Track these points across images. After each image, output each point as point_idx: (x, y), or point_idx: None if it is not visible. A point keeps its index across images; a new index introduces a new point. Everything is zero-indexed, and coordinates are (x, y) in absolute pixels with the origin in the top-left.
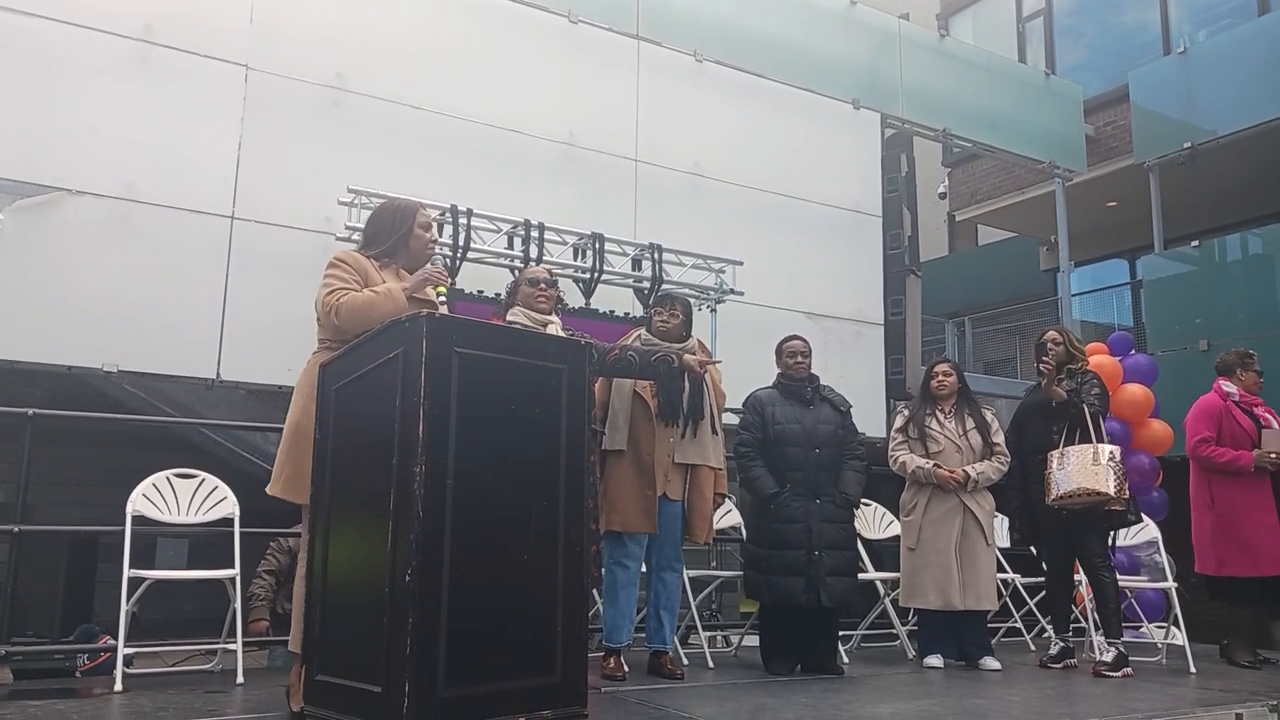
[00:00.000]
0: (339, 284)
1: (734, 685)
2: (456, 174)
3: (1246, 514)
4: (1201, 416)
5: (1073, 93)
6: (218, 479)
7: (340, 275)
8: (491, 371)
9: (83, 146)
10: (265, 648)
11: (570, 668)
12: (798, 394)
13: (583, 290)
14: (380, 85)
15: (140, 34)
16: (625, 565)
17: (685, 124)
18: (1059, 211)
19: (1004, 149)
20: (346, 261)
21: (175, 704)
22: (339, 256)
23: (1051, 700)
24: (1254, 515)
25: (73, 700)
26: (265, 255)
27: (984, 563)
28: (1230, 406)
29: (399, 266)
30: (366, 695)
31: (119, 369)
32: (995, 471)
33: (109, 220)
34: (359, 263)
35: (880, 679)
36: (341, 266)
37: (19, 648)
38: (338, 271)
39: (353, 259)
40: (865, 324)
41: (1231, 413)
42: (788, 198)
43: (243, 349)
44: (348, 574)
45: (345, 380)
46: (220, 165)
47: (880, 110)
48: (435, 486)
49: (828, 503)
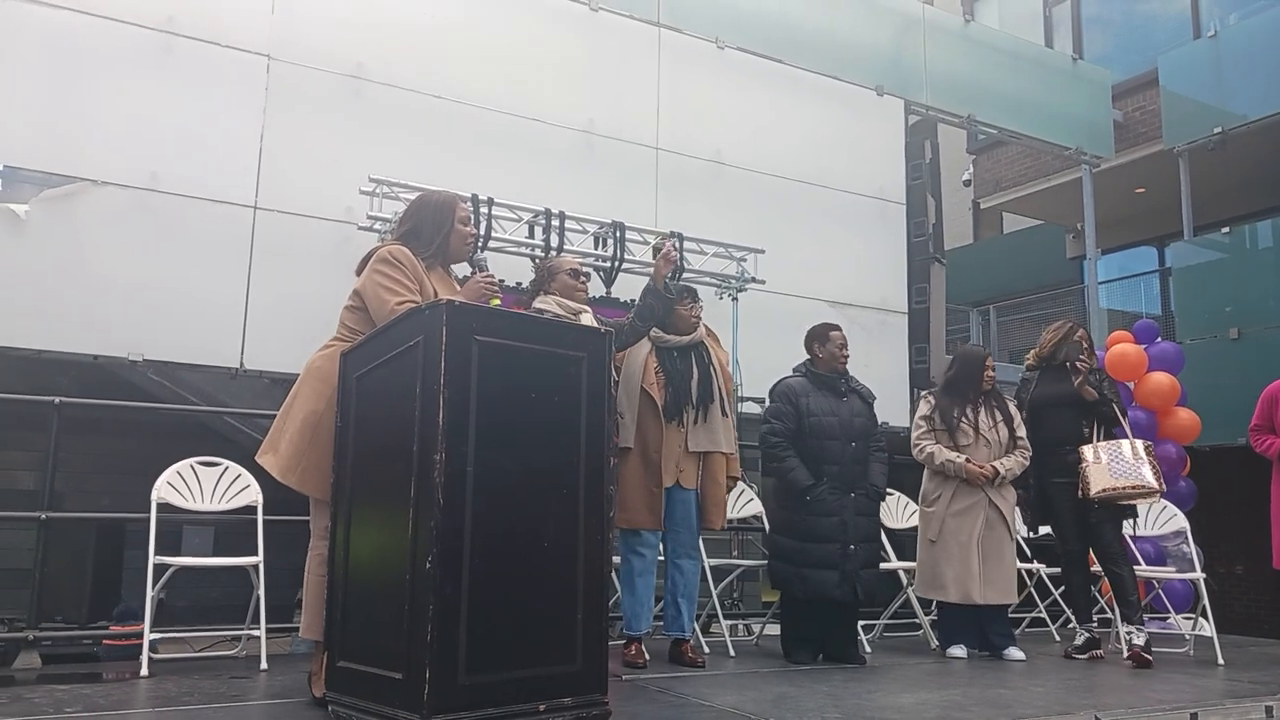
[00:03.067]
0: (404, 291)
1: (755, 674)
2: (477, 163)
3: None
4: (1259, 403)
5: (1101, 78)
6: (241, 467)
7: (398, 279)
8: (511, 359)
9: (107, 137)
10: (289, 634)
11: (591, 655)
12: (831, 385)
13: (604, 279)
14: (401, 74)
15: (163, 25)
16: (640, 554)
17: (706, 111)
18: (1086, 198)
19: (1030, 135)
20: (400, 260)
21: (200, 689)
22: (394, 254)
23: (1076, 691)
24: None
25: (99, 685)
26: (288, 245)
27: (1008, 556)
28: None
29: (440, 265)
30: (388, 682)
31: (144, 358)
32: (1019, 465)
33: (133, 210)
34: (413, 264)
35: (902, 669)
36: (400, 268)
37: (47, 633)
38: (397, 274)
39: (408, 260)
40: (889, 312)
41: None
42: (810, 185)
43: (266, 338)
44: (369, 561)
45: (366, 368)
46: (243, 155)
47: (904, 97)
48: (455, 474)
49: (861, 496)
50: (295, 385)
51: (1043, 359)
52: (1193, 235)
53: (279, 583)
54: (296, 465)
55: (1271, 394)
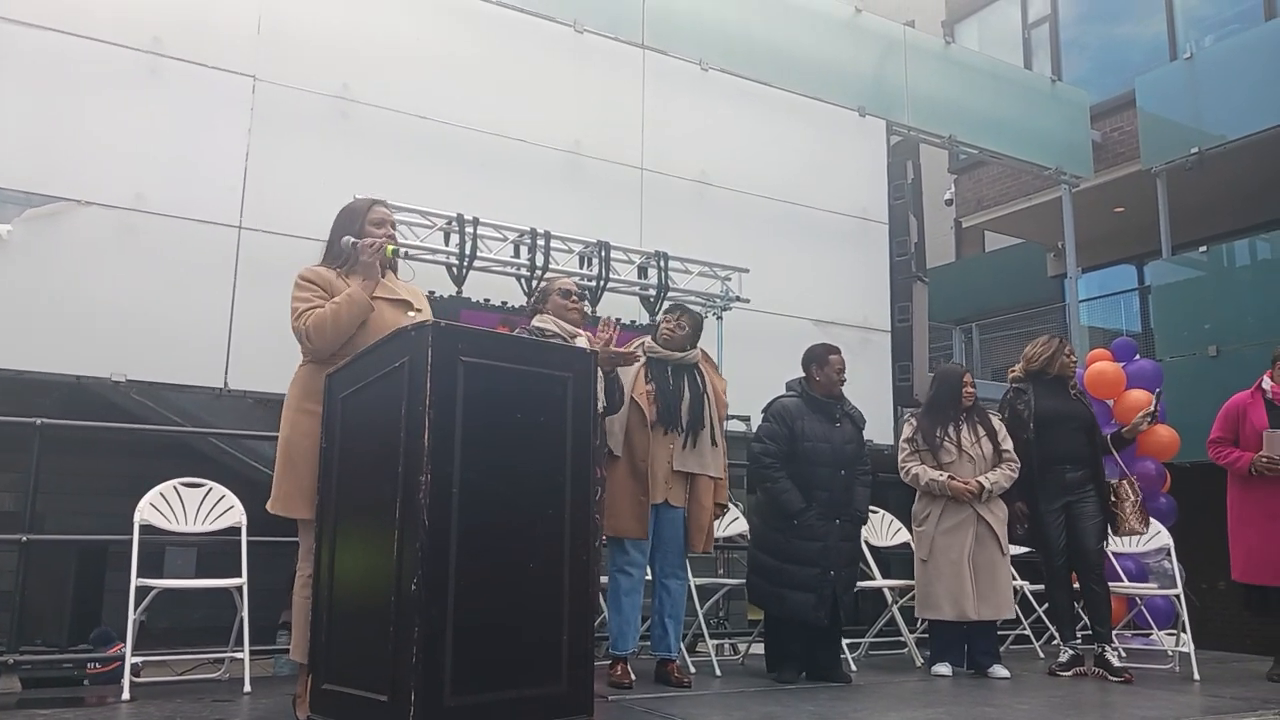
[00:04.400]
0: (303, 305)
1: (741, 693)
2: (463, 183)
3: (1251, 519)
4: (1220, 415)
5: (1079, 99)
6: (225, 488)
7: (303, 296)
8: (497, 380)
9: (91, 157)
10: (272, 656)
11: (577, 676)
12: (826, 410)
13: (589, 298)
14: (387, 95)
15: (149, 46)
16: (628, 572)
17: (691, 132)
18: (1066, 218)
19: (1010, 155)
20: (308, 279)
21: (183, 713)
22: (301, 275)
23: (1060, 709)
24: (1260, 522)
25: (80, 709)
26: (273, 265)
27: (1001, 572)
28: (1251, 403)
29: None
30: (372, 704)
31: (127, 378)
32: (1007, 479)
33: (117, 230)
34: (321, 276)
35: (888, 687)
36: (303, 285)
37: (27, 656)
38: (300, 292)
39: (314, 274)
40: (872, 331)
41: (1249, 410)
42: (794, 205)
43: (251, 358)
44: (354, 582)
45: (351, 389)
46: (228, 175)
47: (886, 117)
48: (440, 495)
49: (846, 522)
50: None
51: (1031, 373)
52: (1171, 254)
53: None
54: (277, 493)
55: (1234, 406)
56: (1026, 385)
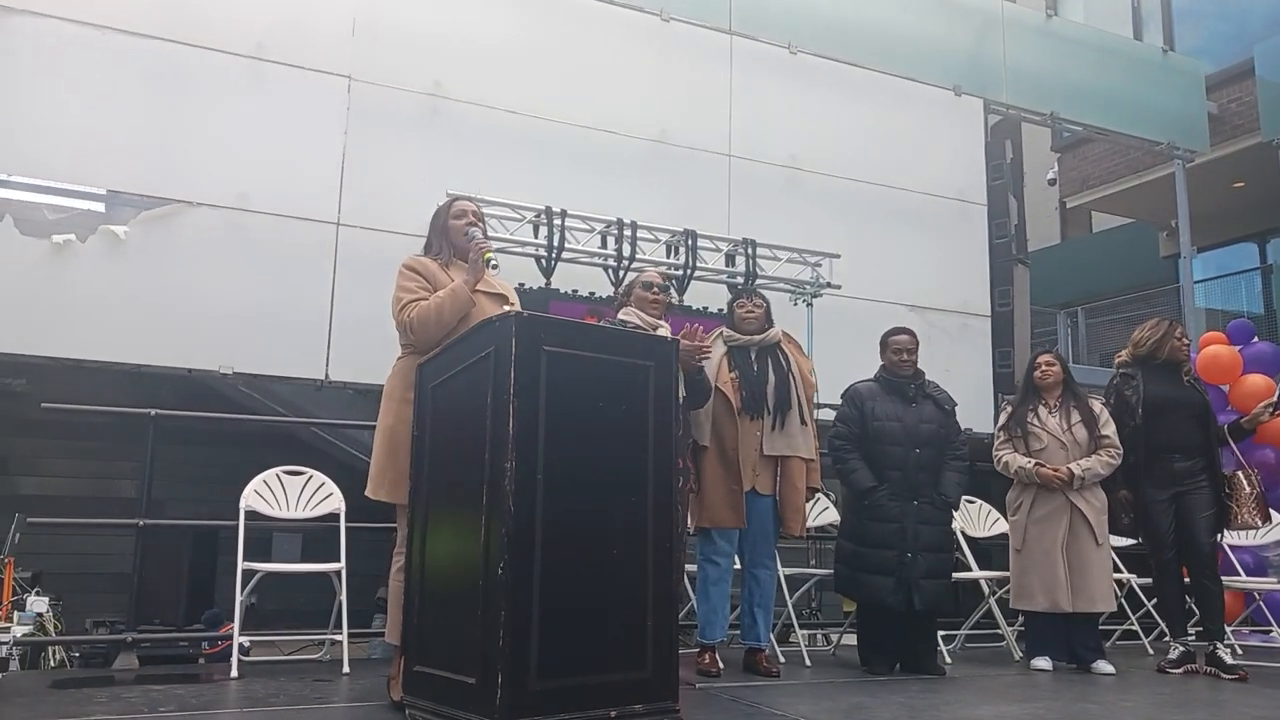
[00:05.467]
0: (408, 296)
1: (831, 684)
2: (551, 175)
3: None
4: None
5: (1193, 69)
6: (325, 476)
7: (407, 286)
8: (579, 369)
9: (200, 160)
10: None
11: (662, 663)
12: (900, 390)
13: (676, 287)
14: (477, 91)
15: (252, 52)
16: (715, 561)
17: (780, 117)
18: (1180, 195)
19: (1119, 131)
20: (412, 268)
21: (286, 691)
22: (406, 264)
23: (1168, 707)
24: None
25: (192, 685)
26: (369, 259)
27: (1096, 563)
28: None
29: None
30: (462, 686)
31: (235, 371)
32: (1105, 466)
33: (224, 230)
34: (425, 267)
35: (983, 680)
36: (407, 274)
37: (145, 635)
38: (404, 281)
39: (419, 264)
40: (971, 316)
41: None
42: (887, 188)
43: (350, 350)
44: (443, 567)
45: (441, 379)
46: (326, 174)
47: (983, 96)
48: (525, 482)
49: (925, 504)
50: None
51: (1140, 358)
52: None
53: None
54: (382, 480)
55: None
56: (1135, 371)
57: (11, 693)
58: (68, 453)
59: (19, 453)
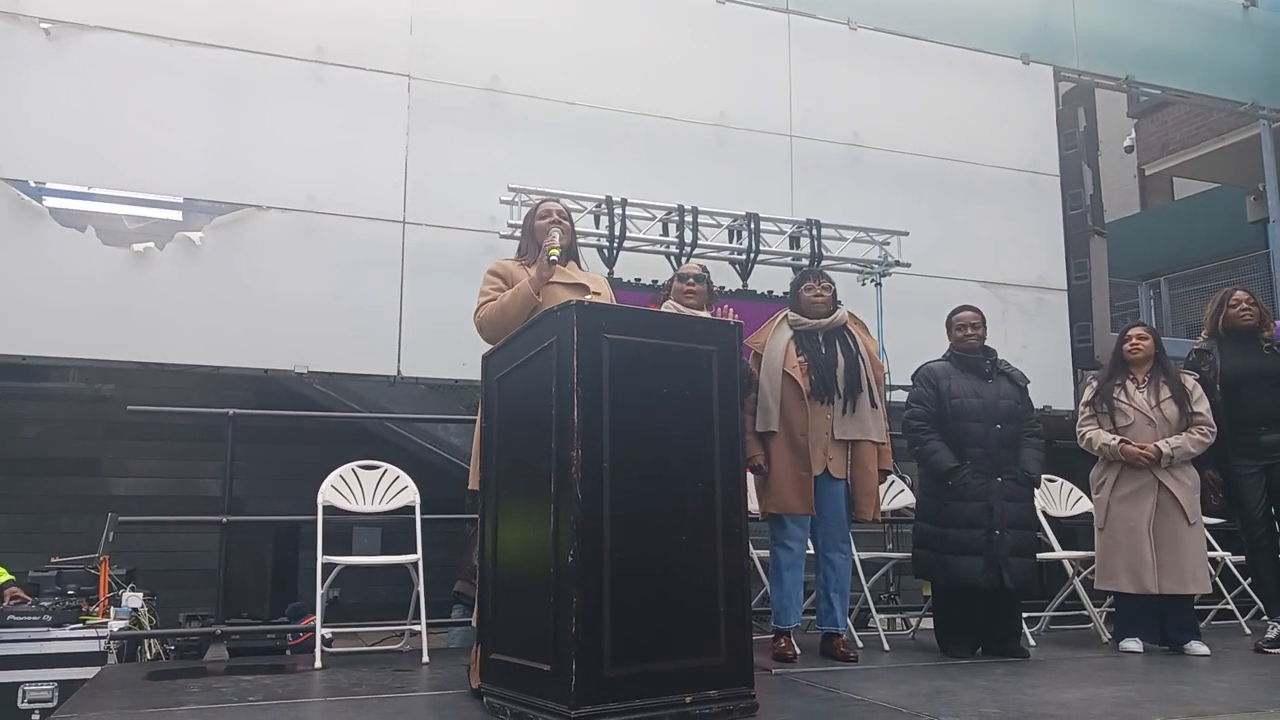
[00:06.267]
0: (484, 298)
1: (909, 668)
2: (611, 164)
3: None
4: None
5: (1277, 24)
6: (399, 469)
7: (485, 289)
8: (641, 355)
9: (267, 165)
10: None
11: (735, 648)
12: (975, 367)
13: (739, 272)
14: (535, 84)
15: (313, 55)
16: (788, 547)
17: (841, 95)
18: (1266, 156)
19: (1199, 93)
20: (494, 271)
21: (368, 680)
22: (490, 268)
23: (1265, 687)
24: None
25: (279, 675)
26: (436, 256)
27: (1187, 543)
28: None
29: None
30: (536, 673)
31: (309, 369)
32: (1196, 444)
33: (293, 232)
34: (505, 269)
35: (1069, 663)
36: (488, 278)
37: (234, 627)
38: (485, 285)
39: (501, 267)
40: (1047, 290)
41: None
42: (955, 162)
43: (420, 346)
44: (515, 556)
45: (506, 370)
46: (390, 173)
47: (1053, 63)
48: (592, 469)
49: (1009, 480)
50: None
51: (1213, 334)
52: None
53: (439, 579)
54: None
55: None
56: (1210, 346)
57: (111, 684)
58: (155, 453)
59: (110, 454)
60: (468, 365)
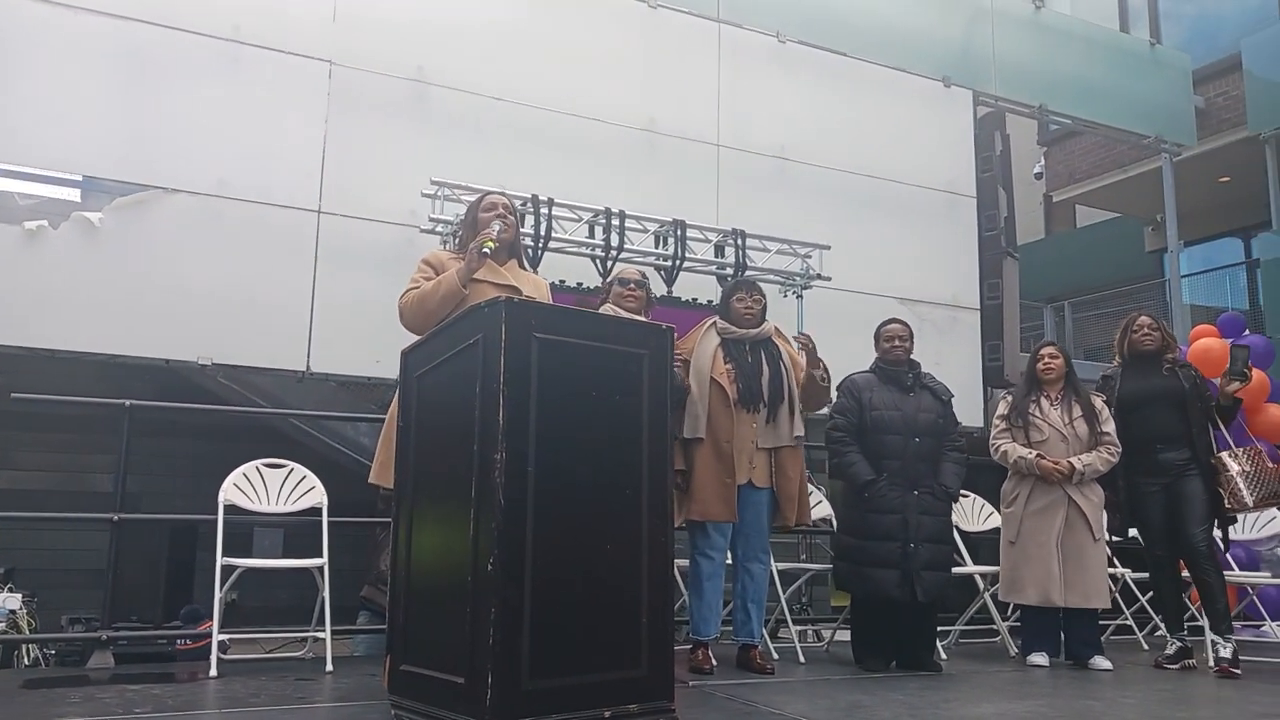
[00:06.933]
0: (410, 285)
1: (826, 681)
2: (538, 163)
3: None
4: None
5: (1180, 63)
6: (307, 469)
7: (415, 276)
8: (572, 357)
9: (176, 145)
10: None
11: (657, 661)
12: (897, 380)
13: (664, 278)
14: (461, 77)
15: (230, 34)
16: (710, 556)
17: (769, 107)
18: (1166, 188)
19: (1106, 124)
20: (426, 260)
21: (267, 690)
22: (424, 256)
23: (1169, 703)
24: None
25: (170, 685)
26: (352, 248)
27: (1091, 558)
28: None
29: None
30: (450, 685)
31: (213, 362)
32: (1104, 463)
33: (202, 217)
34: (439, 259)
35: (981, 677)
36: (420, 266)
37: (121, 632)
38: (415, 273)
39: (434, 257)
40: (961, 309)
41: None
42: (877, 179)
43: (331, 341)
44: (430, 562)
45: (427, 367)
46: (306, 160)
47: (972, 87)
48: (516, 474)
49: (925, 494)
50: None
51: (1124, 357)
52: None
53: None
54: (387, 466)
55: None
56: (1115, 371)
57: None
58: (41, 446)
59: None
60: (381, 363)
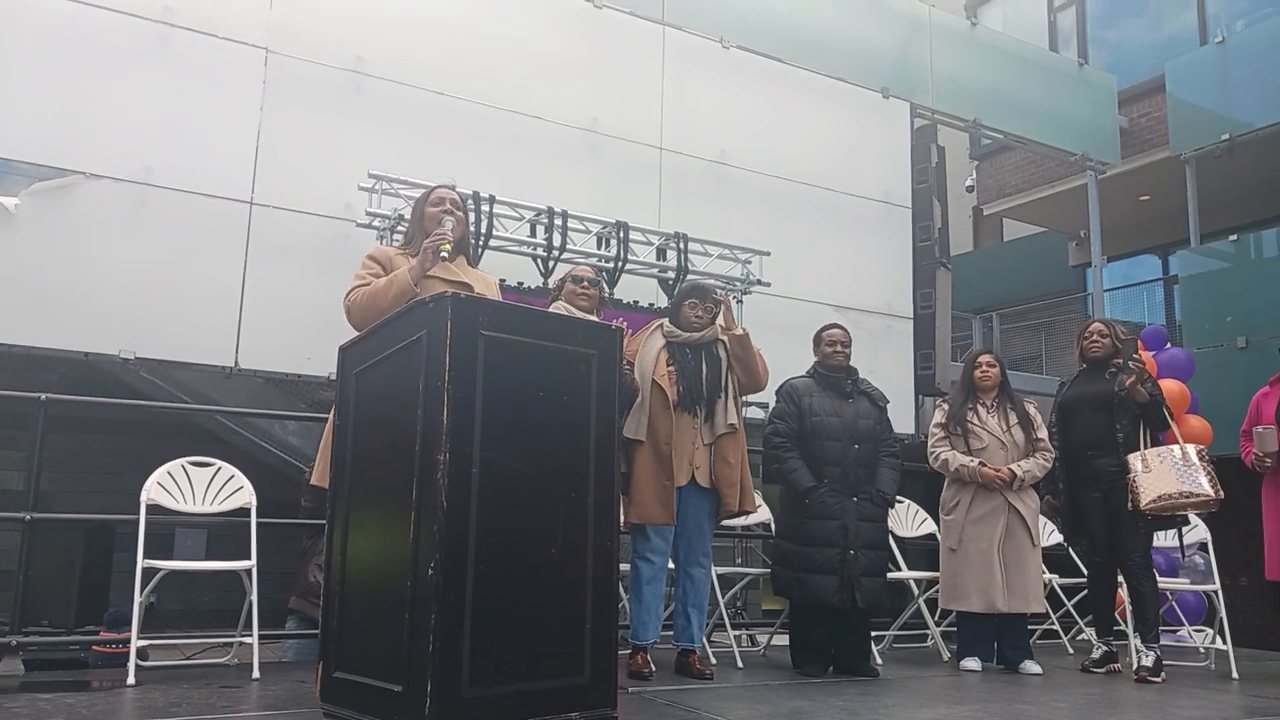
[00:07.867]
0: (357, 282)
1: (766, 686)
2: (479, 160)
3: (1268, 514)
4: (1249, 408)
5: (1106, 83)
6: (234, 468)
7: (361, 272)
8: (519, 355)
9: (100, 129)
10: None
11: (600, 668)
12: (836, 386)
13: (607, 280)
14: (402, 70)
15: (160, 16)
16: (650, 560)
17: (711, 111)
18: (1091, 205)
19: (1036, 140)
20: (372, 256)
21: (189, 699)
22: (369, 252)
23: (1098, 707)
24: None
25: (84, 694)
26: (284, 241)
27: (1031, 564)
28: (1266, 397)
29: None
30: (387, 694)
31: (136, 355)
32: (1040, 469)
33: (126, 204)
34: (386, 255)
35: (916, 681)
36: (365, 262)
37: (32, 638)
38: (361, 269)
39: (380, 252)
40: (895, 317)
41: (1262, 404)
42: (815, 187)
43: (261, 336)
44: (368, 567)
45: (366, 364)
46: (239, 149)
47: (910, 99)
48: (459, 476)
49: (864, 500)
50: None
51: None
52: (1199, 243)
53: (273, 588)
54: (318, 464)
55: (1254, 399)
56: (1068, 378)
57: None
58: None
59: None
60: (312, 360)
